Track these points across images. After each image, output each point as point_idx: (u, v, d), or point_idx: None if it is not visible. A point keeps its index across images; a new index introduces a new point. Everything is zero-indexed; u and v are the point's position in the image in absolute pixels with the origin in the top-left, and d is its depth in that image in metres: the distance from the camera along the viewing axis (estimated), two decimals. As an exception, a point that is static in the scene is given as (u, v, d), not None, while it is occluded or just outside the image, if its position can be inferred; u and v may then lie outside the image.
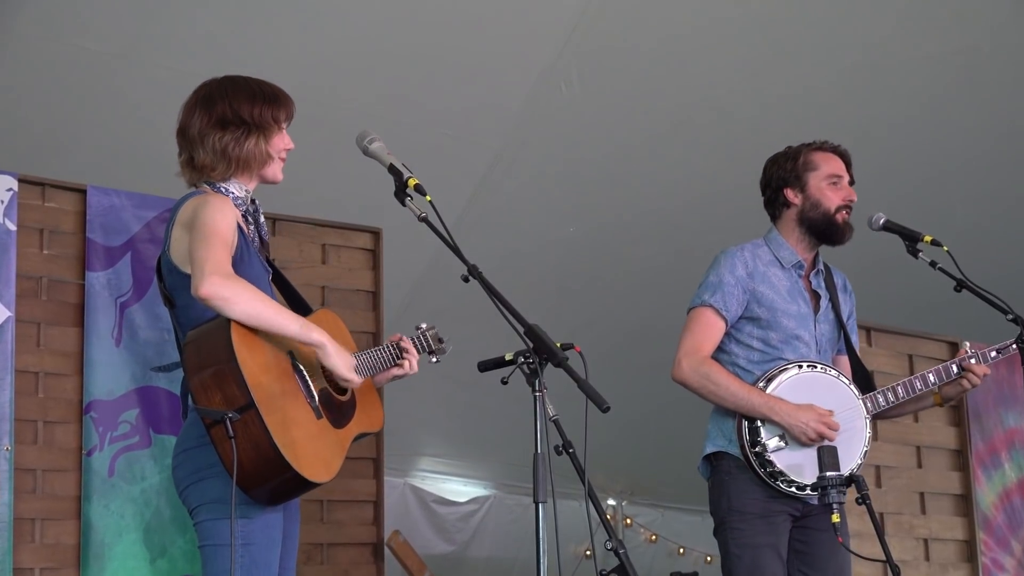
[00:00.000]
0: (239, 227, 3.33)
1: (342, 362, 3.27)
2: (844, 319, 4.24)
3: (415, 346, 3.65)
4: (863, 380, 4.20)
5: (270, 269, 3.49)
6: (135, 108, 5.80)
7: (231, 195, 3.38)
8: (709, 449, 4.08)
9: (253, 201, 3.46)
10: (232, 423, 3.03)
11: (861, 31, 6.53)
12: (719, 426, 4.06)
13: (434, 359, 3.78)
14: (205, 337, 3.16)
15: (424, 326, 3.75)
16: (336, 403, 3.36)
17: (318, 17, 5.84)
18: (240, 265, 3.26)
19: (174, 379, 4.17)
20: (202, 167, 3.37)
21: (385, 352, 3.58)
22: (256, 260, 3.38)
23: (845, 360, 4.28)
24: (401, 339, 3.62)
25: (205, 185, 3.38)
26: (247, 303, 3.12)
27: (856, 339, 4.34)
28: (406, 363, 3.59)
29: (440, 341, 3.76)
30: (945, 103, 6.92)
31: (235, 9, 5.75)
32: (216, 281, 3.09)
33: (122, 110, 5.81)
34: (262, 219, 3.49)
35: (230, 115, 3.35)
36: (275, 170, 3.45)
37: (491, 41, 6.19)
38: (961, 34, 6.61)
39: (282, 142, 3.44)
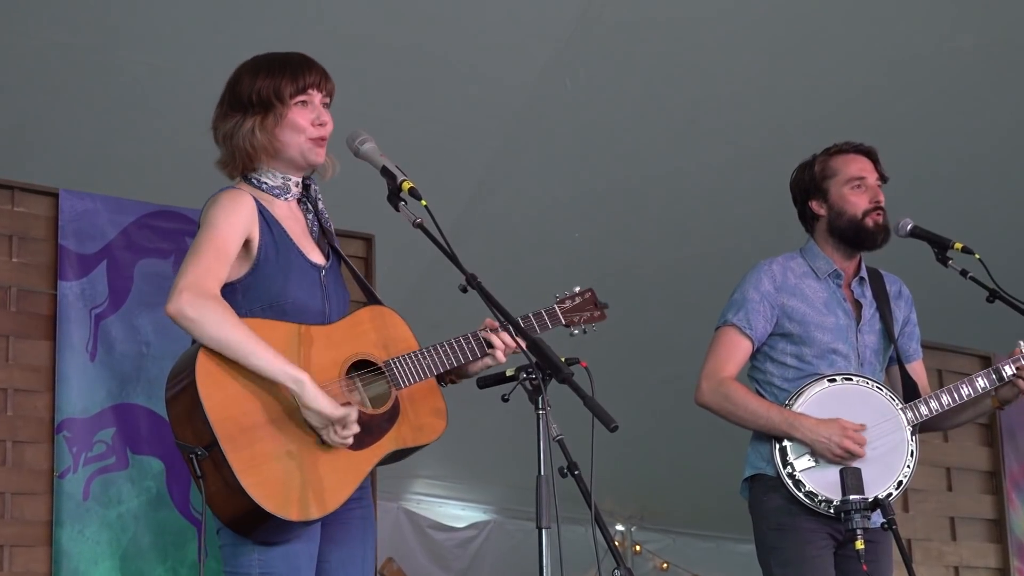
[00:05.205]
0: (266, 223, 3.21)
1: (320, 409, 3.04)
2: (898, 326, 4.22)
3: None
4: (910, 392, 4.17)
5: (325, 262, 3.31)
6: (111, 106, 5.80)
7: (264, 185, 3.25)
8: (748, 472, 4.10)
9: (307, 187, 3.32)
10: (200, 461, 2.99)
11: (882, 24, 6.53)
12: (757, 449, 4.09)
13: None
14: (180, 362, 3.10)
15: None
16: (362, 420, 3.16)
17: (306, 9, 5.84)
18: (266, 265, 3.17)
19: (152, 396, 4.17)
20: (221, 165, 3.28)
21: (468, 344, 3.39)
22: (295, 256, 3.23)
23: (897, 372, 4.23)
24: (489, 330, 3.42)
25: (240, 178, 3.27)
26: (214, 328, 3.00)
27: (917, 347, 4.32)
28: (498, 353, 3.41)
29: None
30: (974, 100, 6.92)
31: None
32: (185, 299, 2.99)
33: (97, 108, 5.80)
34: (321, 205, 3.35)
35: (231, 100, 3.23)
36: (299, 152, 3.23)
37: (492, 35, 6.19)
38: (989, 26, 6.62)
39: (303, 118, 3.21)
